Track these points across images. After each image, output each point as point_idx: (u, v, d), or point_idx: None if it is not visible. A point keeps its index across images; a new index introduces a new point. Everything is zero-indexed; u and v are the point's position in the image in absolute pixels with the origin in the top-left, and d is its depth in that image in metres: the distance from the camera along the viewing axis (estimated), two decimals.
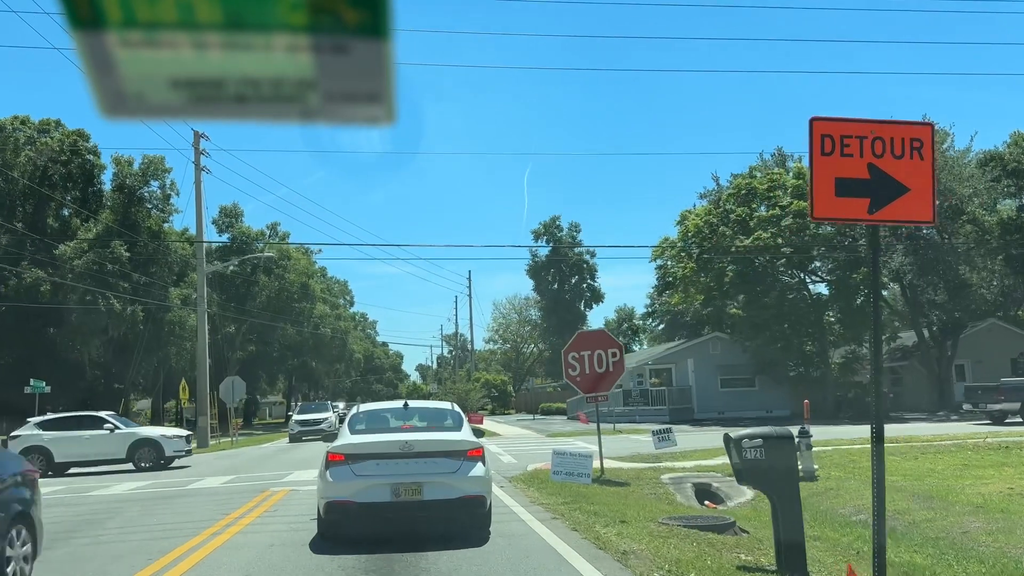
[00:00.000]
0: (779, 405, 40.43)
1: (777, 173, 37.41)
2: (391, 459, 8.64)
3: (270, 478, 16.87)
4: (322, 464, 9.00)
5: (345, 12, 0.82)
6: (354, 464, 8.62)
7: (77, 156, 48.98)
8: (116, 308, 44.80)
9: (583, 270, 75.18)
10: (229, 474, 18.64)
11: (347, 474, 8.58)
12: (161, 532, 10.24)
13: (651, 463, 18.25)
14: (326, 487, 8.70)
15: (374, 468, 8.59)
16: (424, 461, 8.66)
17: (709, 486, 14.71)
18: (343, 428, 9.87)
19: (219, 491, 14.88)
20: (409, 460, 8.63)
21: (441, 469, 8.67)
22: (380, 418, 10.29)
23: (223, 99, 0.89)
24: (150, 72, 0.87)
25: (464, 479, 8.66)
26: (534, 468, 17.05)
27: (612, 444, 24.42)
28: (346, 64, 0.86)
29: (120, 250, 45.45)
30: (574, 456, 12.17)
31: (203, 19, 0.82)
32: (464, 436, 9.23)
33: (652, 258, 40.59)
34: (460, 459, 8.78)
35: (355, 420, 10.01)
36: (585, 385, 14.97)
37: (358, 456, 8.68)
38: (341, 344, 68.33)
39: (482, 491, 8.82)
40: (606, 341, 15.06)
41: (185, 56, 0.85)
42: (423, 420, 10.30)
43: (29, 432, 22.19)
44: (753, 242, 34.49)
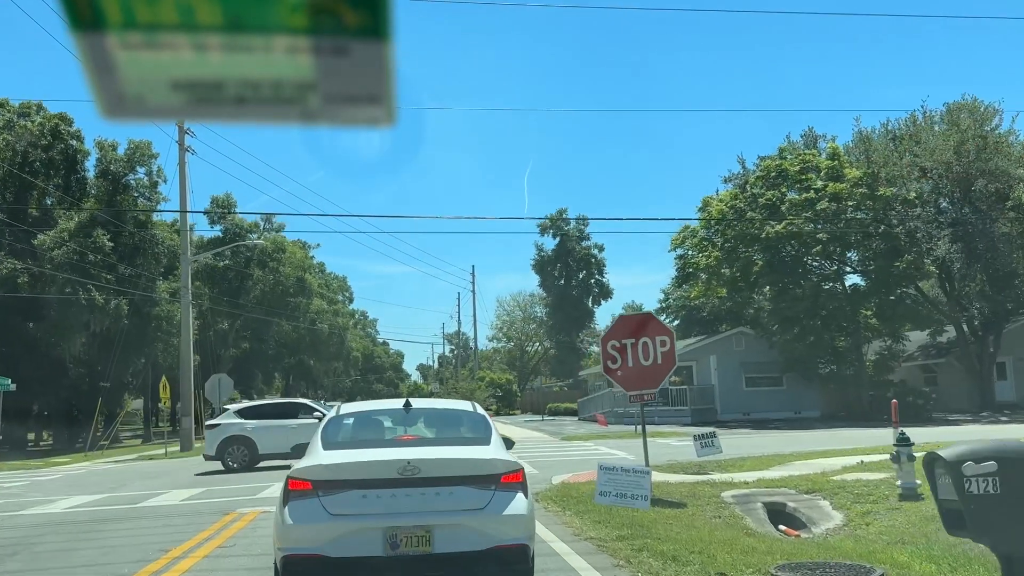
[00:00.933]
0: (808, 405, 37.63)
1: (810, 154, 34.58)
2: (385, 488, 5.81)
3: (244, 492, 14.07)
4: (280, 496, 6.14)
5: (345, 14, 0.82)
6: (328, 496, 5.79)
7: (59, 141, 46.13)
8: (98, 301, 42.03)
9: (591, 265, 72.34)
10: (199, 486, 15.85)
11: (316, 512, 5.74)
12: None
13: (697, 474, 15.47)
14: (284, 532, 5.83)
15: (359, 503, 5.77)
16: (436, 492, 5.86)
17: (783, 506, 11.90)
18: (314, 440, 6.69)
19: (174, 511, 12.07)
20: (413, 491, 5.82)
21: (462, 504, 5.85)
22: (370, 425, 7.26)
23: (223, 101, 0.88)
24: (150, 74, 0.86)
25: (497, 520, 5.82)
26: (562, 481, 14.24)
27: (639, 449, 21.64)
28: (346, 66, 0.85)
29: (103, 239, 42.69)
30: (627, 473, 9.34)
31: (203, 21, 0.82)
32: (495, 452, 6.30)
33: (672, 247, 37.78)
34: (491, 488, 5.92)
35: (332, 428, 6.91)
36: (628, 381, 12.15)
37: (334, 484, 5.84)
38: (339, 341, 65.50)
39: (523, 537, 5.96)
40: (654, 326, 12.24)
41: (185, 58, 0.84)
42: (432, 427, 7.34)
43: (230, 421, 20.02)
44: (785, 228, 31.66)
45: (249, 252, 57.06)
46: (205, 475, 19.00)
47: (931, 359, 40.68)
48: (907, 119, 36.33)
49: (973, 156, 31.16)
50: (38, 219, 45.27)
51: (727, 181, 37.89)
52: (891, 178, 32.82)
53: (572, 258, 71.78)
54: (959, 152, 31.70)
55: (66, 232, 42.43)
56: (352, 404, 8.45)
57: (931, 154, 32.04)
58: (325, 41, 0.83)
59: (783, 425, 33.07)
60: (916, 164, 33.84)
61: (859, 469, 14.36)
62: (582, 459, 19.23)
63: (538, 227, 72.92)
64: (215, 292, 55.72)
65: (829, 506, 11.70)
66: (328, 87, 0.87)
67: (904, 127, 35.53)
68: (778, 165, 34.03)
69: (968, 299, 37.13)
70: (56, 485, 18.13)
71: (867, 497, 11.75)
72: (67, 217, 43.89)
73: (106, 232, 43.33)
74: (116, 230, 44.60)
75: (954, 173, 31.73)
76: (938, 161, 31.89)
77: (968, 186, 31.82)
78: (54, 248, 41.43)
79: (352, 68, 0.85)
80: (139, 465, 24.75)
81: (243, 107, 0.89)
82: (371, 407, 7.90)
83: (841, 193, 31.95)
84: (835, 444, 21.05)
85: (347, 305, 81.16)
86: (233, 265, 56.71)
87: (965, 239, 31.74)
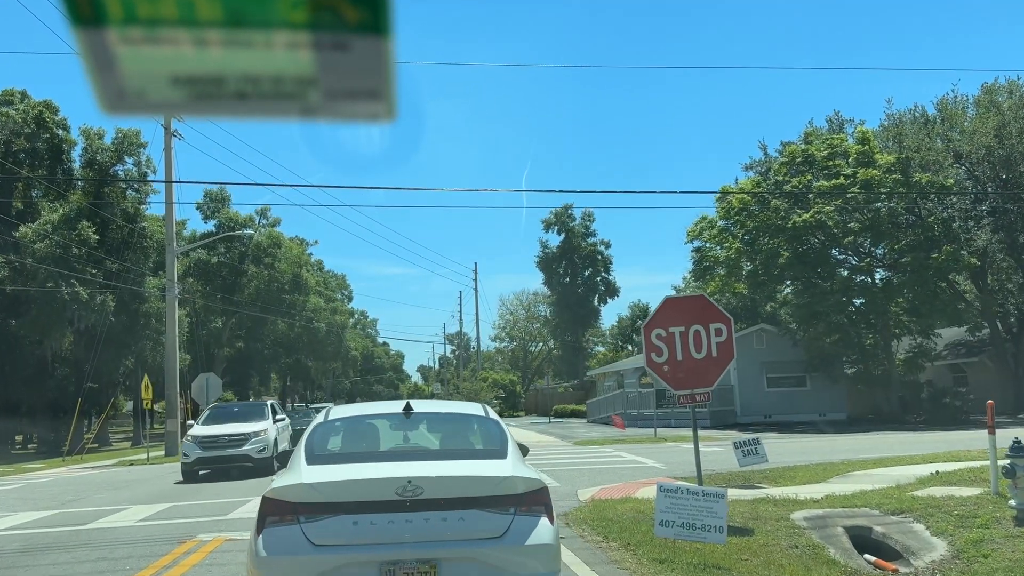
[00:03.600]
0: (834, 407, 35.41)
1: (837, 138, 32.40)
2: (381, 513, 4.71)
3: (212, 511, 11.90)
4: (256, 520, 4.95)
5: (345, 9, 0.82)
6: (311, 522, 4.70)
7: (44, 130, 43.92)
8: (82, 296, 39.84)
9: (597, 262, 70.11)
10: (165, 501, 13.68)
11: (297, 542, 4.65)
12: None
13: (746, 487, 13.34)
14: (258, 566, 4.70)
15: (349, 531, 4.67)
16: (443, 518, 4.73)
17: (869, 531, 9.72)
18: (298, 451, 5.46)
19: (122, 537, 9.90)
20: (415, 516, 4.72)
21: (475, 532, 4.74)
22: (364, 433, 6.01)
23: (224, 96, 0.88)
24: (151, 69, 0.86)
25: (518, 551, 4.72)
26: (592, 497, 12.05)
27: (666, 456, 19.45)
28: (347, 61, 0.86)
29: (88, 231, 40.51)
30: (695, 497, 7.13)
31: (204, 16, 0.82)
32: (513, 468, 5.10)
33: (688, 239, 35.57)
34: (509, 512, 4.81)
35: (320, 436, 5.66)
36: (677, 378, 9.98)
37: (320, 507, 4.75)
38: (337, 341, 63.27)
39: (550, 573, 4.81)
40: (708, 311, 10.07)
41: (186, 53, 0.85)
42: (437, 435, 6.08)
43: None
44: (813, 217, 29.46)
45: (244, 247, 54.91)
46: (182, 484, 16.82)
47: (961, 358, 38.48)
48: (937, 103, 34.18)
49: (1016, 139, 28.97)
50: (23, 213, 43.13)
51: (748, 169, 35.79)
52: (925, 164, 30.66)
53: (578, 255, 69.56)
54: (1000, 135, 29.53)
55: (49, 224, 40.27)
56: (344, 407, 6.99)
57: (970, 138, 29.88)
58: (325, 37, 0.83)
59: (810, 428, 30.86)
60: (950, 149, 31.66)
61: (938, 482, 12.17)
62: (604, 467, 17.06)
63: (542, 223, 70.87)
64: (208, 289, 53.59)
65: (925, 531, 9.53)
66: (328, 83, 0.88)
67: (937, 111, 33.37)
68: (804, 151, 31.86)
69: (1003, 295, 34.94)
70: (8, 498, 15.95)
71: (971, 520, 9.58)
72: (51, 209, 41.71)
73: (91, 224, 41.18)
74: (103, 223, 42.47)
75: (996, 157, 29.56)
76: (978, 145, 29.71)
77: (1011, 171, 29.64)
78: (36, 241, 39.27)
79: (352, 64, 0.86)
80: (113, 473, 22.59)
81: (244, 102, 0.89)
82: (366, 411, 6.71)
83: (873, 180, 29.76)
84: (885, 451, 18.87)
85: (346, 304, 78.90)
86: (227, 260, 54.55)
87: (1007, 229, 29.54)
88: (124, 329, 44.07)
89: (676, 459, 18.50)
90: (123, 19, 0.82)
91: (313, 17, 0.82)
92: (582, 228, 70.42)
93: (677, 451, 21.02)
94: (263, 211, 56.62)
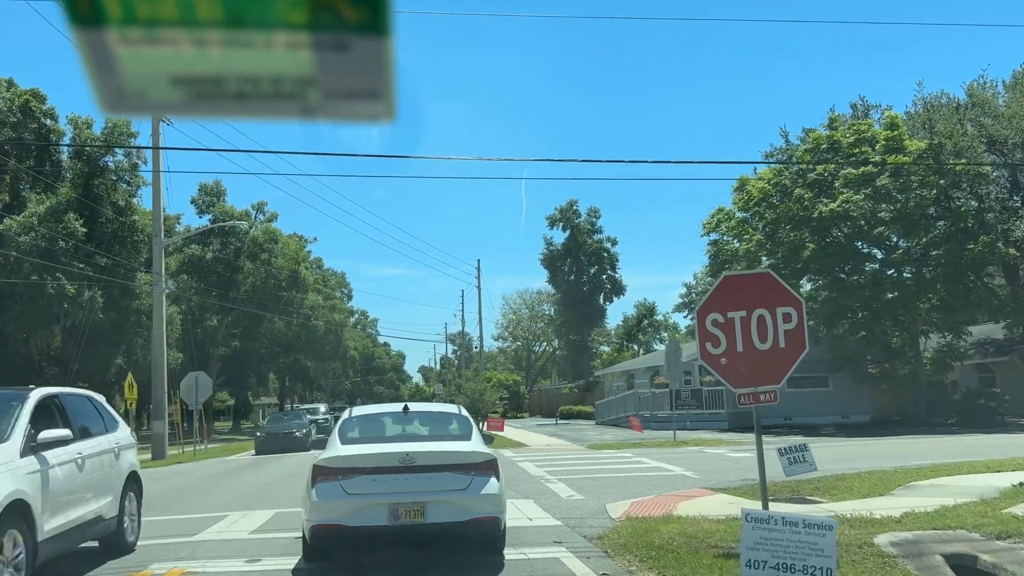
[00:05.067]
0: (857, 409, 33.65)
1: (865, 124, 30.62)
2: (389, 474, 7.32)
3: (176, 532, 10.16)
4: (307, 479, 7.62)
5: (345, 9, 0.82)
6: (345, 480, 7.30)
7: (31, 119, 42.13)
8: (69, 291, 38.11)
9: (603, 259, 68.30)
10: None
11: (337, 492, 7.26)
12: None
13: (796, 500, 11.60)
14: (312, 508, 7.34)
15: (369, 485, 7.29)
16: (428, 476, 7.35)
17: (973, 560, 7.96)
18: (332, 436, 8.32)
19: (64, 568, 8.09)
20: (410, 475, 7.32)
21: (448, 486, 7.35)
22: (376, 424, 8.89)
23: (223, 96, 0.88)
24: (150, 69, 0.86)
25: (476, 498, 7.36)
26: (626, 514, 10.29)
27: (692, 462, 17.68)
28: (346, 61, 0.86)
29: (75, 224, 38.77)
30: (793, 529, 5.30)
31: (203, 16, 0.82)
32: (475, 446, 7.86)
33: (704, 231, 33.78)
34: (470, 473, 7.44)
35: (347, 426, 8.46)
36: (737, 373, 8.24)
37: (350, 470, 7.36)
38: (336, 340, 61.46)
39: (496, 512, 7.49)
40: (774, 292, 8.33)
41: (185, 53, 0.85)
42: (426, 426, 8.98)
43: None
44: (840, 207, 27.69)
45: (239, 243, 53.15)
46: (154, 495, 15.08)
47: (989, 357, 36.64)
48: (966, 88, 32.42)
49: None
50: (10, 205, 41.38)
51: (768, 157, 33.98)
52: (958, 151, 28.90)
53: (583, 252, 67.76)
54: None
55: (35, 217, 38.49)
56: (359, 408, 9.76)
57: (1009, 122, 28.12)
58: (325, 37, 0.83)
59: (838, 431, 29.10)
60: (983, 135, 29.89)
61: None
62: (628, 476, 15.30)
63: (547, 219, 69.10)
64: (203, 286, 51.82)
65: None
66: (328, 83, 0.87)
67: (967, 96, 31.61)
68: (829, 137, 30.07)
69: None
70: None
71: None
72: (37, 201, 39.95)
73: (79, 217, 39.44)
74: (92, 216, 40.76)
75: None
76: (1016, 130, 27.94)
77: None
78: (21, 234, 37.53)
79: (352, 64, 0.85)
80: None
81: (243, 103, 0.88)
82: (375, 410, 9.48)
83: (903, 167, 28.00)
84: (935, 456, 17.10)
85: (345, 302, 77.10)
86: (222, 256, 52.78)
87: None
88: (114, 326, 42.39)
89: (705, 466, 16.74)
90: (122, 19, 0.81)
91: (313, 17, 0.82)
92: (588, 224, 68.67)
93: (703, 457, 19.26)
94: (260, 206, 54.93)
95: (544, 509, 10.85)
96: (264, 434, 29.59)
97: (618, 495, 12.35)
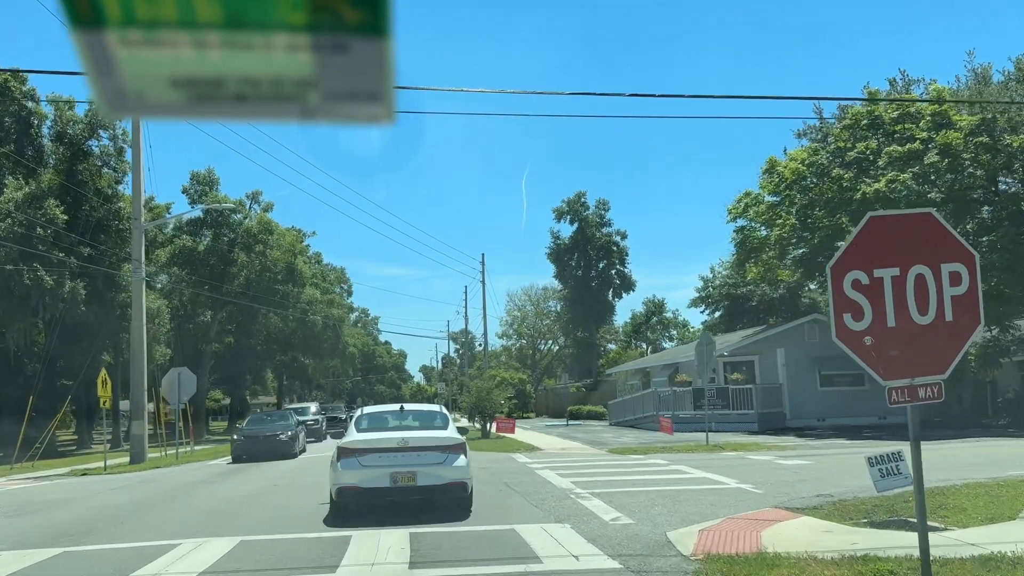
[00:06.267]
0: (895, 409, 30.93)
1: (909, 98, 28.08)
2: (390, 452, 10.39)
3: (115, 563, 7.60)
4: (333, 456, 10.79)
5: (345, 11, 0.82)
6: (360, 457, 10.40)
7: (10, 101, 39.61)
8: (47, 282, 35.64)
9: (612, 254, 65.76)
10: (63, 541, 9.40)
11: (355, 465, 10.34)
12: None
13: (897, 525, 9.16)
14: (337, 475, 10.45)
15: (376, 460, 10.36)
16: (417, 454, 10.40)
17: None
18: (350, 427, 11.52)
19: None
20: (405, 453, 10.38)
21: (431, 461, 10.39)
22: (381, 419, 12.12)
23: (223, 98, 0.89)
24: (150, 71, 0.86)
25: (450, 469, 10.40)
26: (701, 548, 7.76)
27: (741, 471, 15.15)
28: (346, 63, 0.86)
29: (56, 210, 36.28)
30: None
31: (203, 18, 0.82)
32: (450, 434, 11.00)
33: (729, 217, 31.25)
34: (447, 452, 10.51)
35: (360, 420, 11.76)
36: (887, 359, 5.74)
37: (363, 450, 10.47)
38: (334, 336, 58.89)
39: (464, 478, 10.50)
40: (938, 240, 5.82)
41: (185, 55, 0.85)
42: (416, 420, 12.02)
43: None
44: (887, 187, 25.14)
45: (233, 233, 50.64)
46: (107, 509, 12.56)
47: None
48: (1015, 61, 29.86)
49: None
50: None
51: (801, 136, 31.53)
52: (1014, 126, 26.36)
53: (592, 246, 65.21)
54: None
55: (12, 203, 35.95)
56: (368, 407, 13.68)
57: None
58: (325, 38, 0.83)
59: (882, 434, 26.55)
60: None
61: None
62: (673, 489, 12.76)
63: (554, 212, 66.57)
64: (194, 278, 49.30)
65: None
66: (328, 84, 0.87)
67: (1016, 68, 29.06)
68: (869, 112, 27.52)
69: None
70: None
71: None
72: (16, 186, 37.40)
73: (60, 203, 36.96)
74: (76, 203, 38.30)
75: None
76: None
77: None
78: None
79: (352, 65, 0.85)
80: (49, 487, 18.34)
81: (243, 104, 0.88)
82: (380, 409, 13.07)
83: (954, 144, 25.46)
84: (1019, 464, 14.58)
85: (345, 298, 74.53)
86: (215, 248, 50.25)
87: None
88: (99, 320, 39.87)
89: (760, 476, 14.21)
90: (122, 21, 0.80)
91: (312, 19, 0.81)
92: (596, 217, 66.15)
93: (749, 465, 16.71)
94: (254, 195, 52.39)
95: (587, 539, 8.35)
96: (242, 437, 24.39)
97: (674, 517, 9.83)
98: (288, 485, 15.53)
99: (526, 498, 12.07)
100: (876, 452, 10.62)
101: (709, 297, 48.29)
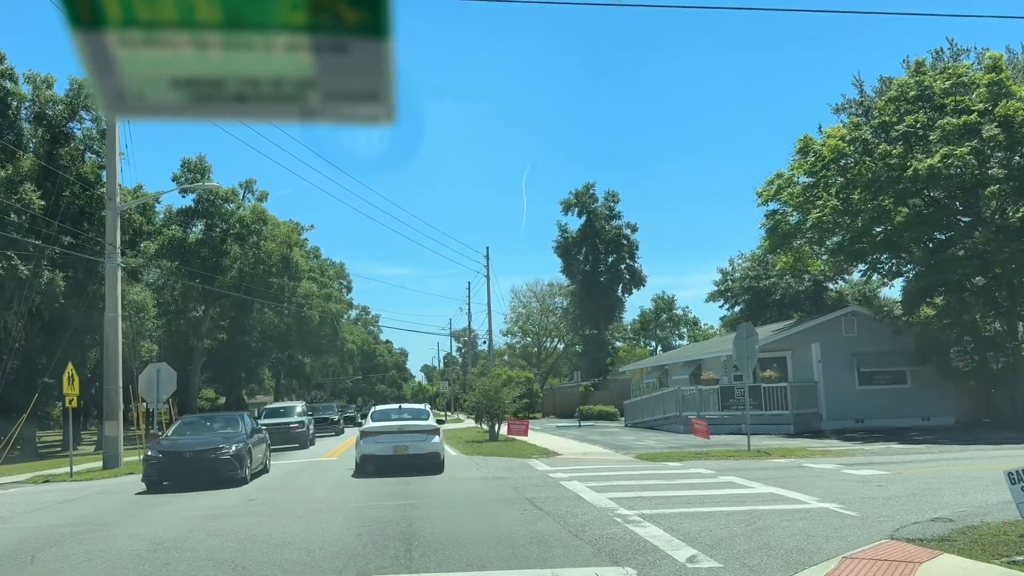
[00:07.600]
0: (940, 409, 28.59)
1: (963, 66, 25.53)
2: (392, 434, 16.98)
3: None
4: (357, 437, 17.74)
5: (345, 12, 0.82)
6: (374, 436, 17.02)
7: None
8: (22, 272, 33.17)
9: (621, 247, 63.13)
10: None
11: (371, 441, 16.97)
12: None
13: None
14: (362, 448, 17.12)
15: (384, 438, 16.90)
16: (409, 435, 16.97)
17: None
18: (368, 419, 18.60)
19: None
20: (402, 435, 16.96)
21: (418, 439, 16.92)
22: (387, 413, 18.93)
23: (223, 98, 0.89)
24: (150, 71, 0.86)
25: (429, 444, 16.94)
26: None
27: (814, 485, 12.56)
28: (346, 63, 0.86)
29: (31, 195, 33.83)
30: None
31: (203, 19, 0.82)
32: (430, 423, 17.70)
33: (760, 201, 28.71)
34: (428, 434, 17.11)
35: (374, 414, 18.89)
36: None
37: (376, 432, 17.11)
38: (331, 332, 56.33)
39: (438, 451, 17.06)
40: None
41: (185, 55, 0.85)
42: (409, 414, 18.78)
43: None
44: (942, 162, 22.60)
45: (226, 224, 48.13)
46: (40, 530, 10.02)
47: None
48: None
49: None
50: None
51: (839, 111, 28.95)
52: None
53: (600, 239, 62.59)
54: None
55: None
56: (378, 407, 21.50)
57: None
58: (325, 39, 0.83)
59: (932, 436, 23.97)
60: None
61: None
62: (745, 511, 10.20)
63: (561, 204, 63.99)
64: (185, 271, 46.81)
65: None
66: (328, 85, 0.87)
67: None
68: (918, 83, 24.96)
69: None
70: None
71: None
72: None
73: (37, 188, 34.49)
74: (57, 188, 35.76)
75: None
76: None
77: None
78: None
79: (352, 66, 0.85)
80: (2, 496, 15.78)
81: (243, 104, 0.89)
82: (386, 408, 20.22)
83: (1015, 116, 22.93)
84: None
85: (344, 294, 71.97)
86: (207, 239, 47.77)
87: None
88: (80, 313, 37.35)
89: (840, 492, 11.64)
90: (122, 21, 0.81)
91: (312, 19, 0.81)
92: (605, 210, 63.53)
93: (814, 476, 14.14)
94: (248, 184, 49.86)
95: None
96: (161, 454, 16.05)
97: (771, 556, 7.30)
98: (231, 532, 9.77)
99: (560, 523, 9.53)
100: (1015, 468, 8.13)
101: (728, 291, 45.70)
